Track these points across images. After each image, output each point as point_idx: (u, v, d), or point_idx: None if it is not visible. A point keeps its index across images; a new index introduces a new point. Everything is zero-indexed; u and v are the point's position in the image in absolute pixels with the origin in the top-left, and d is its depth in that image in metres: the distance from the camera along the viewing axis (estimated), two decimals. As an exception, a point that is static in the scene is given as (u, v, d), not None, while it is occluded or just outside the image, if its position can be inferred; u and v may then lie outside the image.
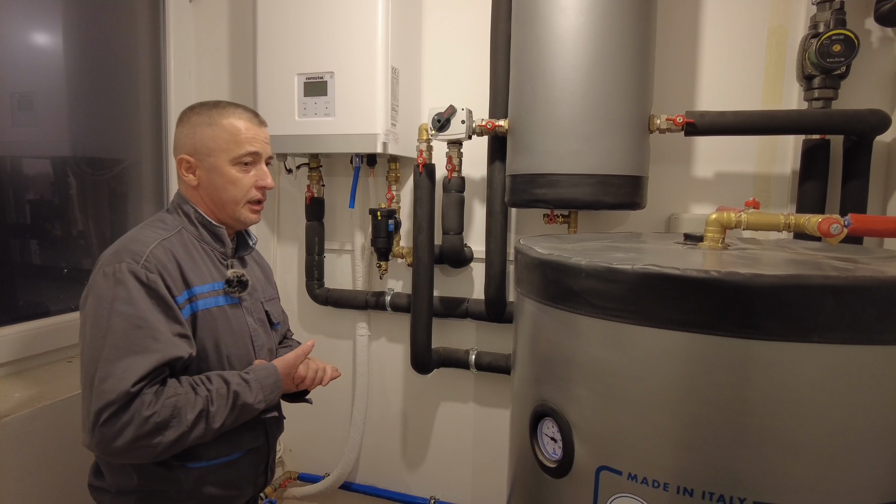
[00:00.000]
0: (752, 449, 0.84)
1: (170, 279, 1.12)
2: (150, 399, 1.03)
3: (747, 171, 1.79)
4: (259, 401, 1.17)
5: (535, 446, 1.08)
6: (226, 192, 1.24)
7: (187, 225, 1.24)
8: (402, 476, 2.28)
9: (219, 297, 1.22)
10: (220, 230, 1.26)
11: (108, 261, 1.11)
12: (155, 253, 1.12)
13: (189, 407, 1.07)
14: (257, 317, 1.32)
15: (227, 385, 1.13)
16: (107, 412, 1.01)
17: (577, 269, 0.97)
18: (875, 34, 1.64)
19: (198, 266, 1.20)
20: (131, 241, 1.15)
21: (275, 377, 1.22)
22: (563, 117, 1.52)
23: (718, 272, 0.83)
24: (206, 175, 1.23)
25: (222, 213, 1.27)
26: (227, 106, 1.25)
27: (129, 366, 1.03)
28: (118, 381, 1.01)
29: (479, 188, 2.03)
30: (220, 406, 1.11)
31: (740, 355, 0.83)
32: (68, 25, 1.95)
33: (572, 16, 1.49)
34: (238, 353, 1.24)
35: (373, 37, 1.78)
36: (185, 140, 1.23)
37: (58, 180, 1.93)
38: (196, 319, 1.16)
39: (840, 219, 1.03)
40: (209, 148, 1.21)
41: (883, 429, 0.83)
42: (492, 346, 2.06)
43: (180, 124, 1.25)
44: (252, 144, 1.24)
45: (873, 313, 0.81)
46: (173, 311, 1.10)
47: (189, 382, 1.11)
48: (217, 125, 1.21)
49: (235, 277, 1.25)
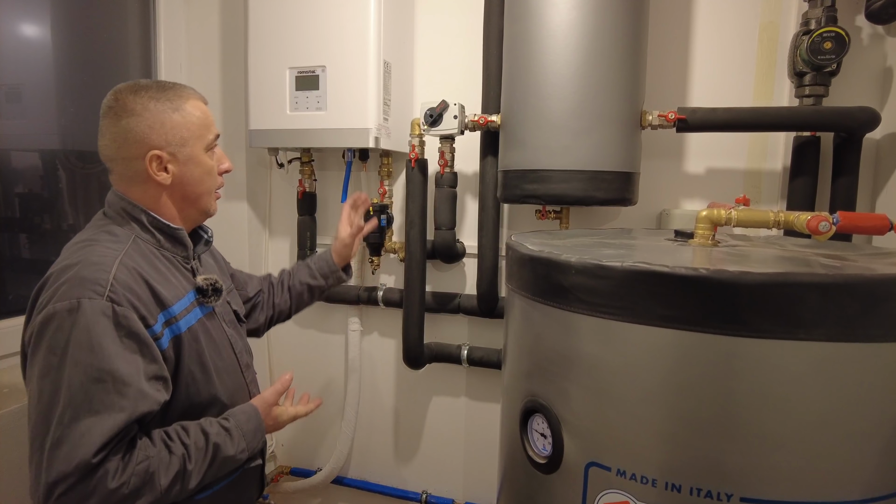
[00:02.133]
0: (738, 444, 0.85)
1: (142, 307, 0.95)
2: (117, 468, 0.87)
3: (738, 166, 1.80)
4: (241, 450, 1.05)
5: (524, 442, 1.09)
6: (202, 185, 1.11)
7: (140, 233, 1.06)
8: (394, 470, 2.29)
9: (195, 310, 1.09)
10: (180, 233, 1.11)
11: (61, 294, 0.91)
12: (119, 277, 0.94)
13: (163, 470, 0.93)
14: (229, 319, 1.21)
15: (205, 437, 1.00)
16: (61, 486, 0.84)
17: (566, 265, 0.97)
18: (865, 31, 1.65)
19: (166, 279, 1.05)
20: (85, 265, 0.94)
21: (256, 421, 1.11)
22: (554, 112, 1.52)
23: (707, 269, 0.84)
24: (182, 169, 1.07)
25: (191, 210, 1.13)
26: (180, 87, 1.09)
27: (89, 428, 0.85)
28: (75, 449, 0.84)
29: (471, 183, 2.03)
30: (197, 461, 0.97)
31: (728, 352, 0.84)
32: (57, 17, 1.93)
33: (564, 11, 1.49)
34: (224, 366, 1.14)
35: (365, 31, 1.77)
36: (149, 132, 1.02)
37: (47, 173, 1.92)
38: (180, 342, 1.03)
39: (829, 216, 1.04)
40: (183, 137, 1.06)
41: (867, 424, 0.84)
42: (484, 340, 2.06)
43: (128, 114, 1.02)
44: (214, 126, 1.13)
45: (857, 310, 0.81)
46: (149, 349, 0.95)
47: (162, 438, 0.96)
48: (183, 110, 1.06)
49: (208, 285, 1.11)
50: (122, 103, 1.03)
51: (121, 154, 1.05)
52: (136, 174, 1.05)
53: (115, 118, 1.03)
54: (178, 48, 2.27)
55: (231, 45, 2.24)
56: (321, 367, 2.32)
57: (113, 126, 1.04)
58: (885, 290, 0.82)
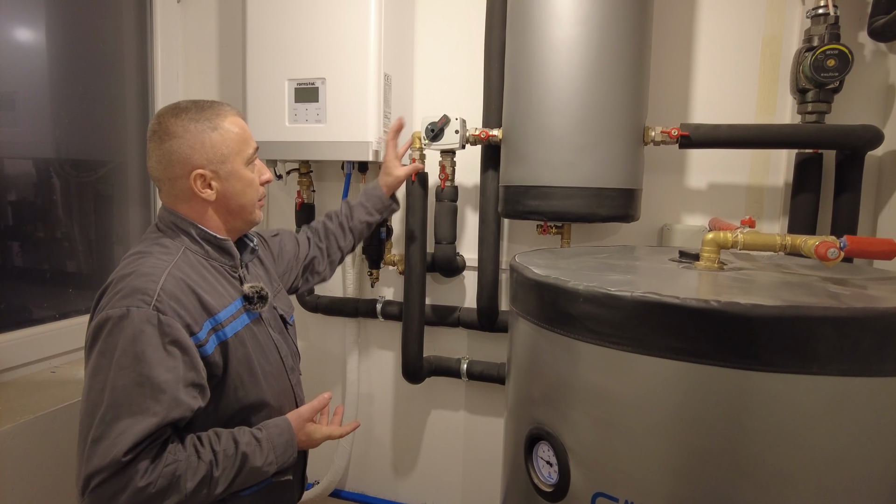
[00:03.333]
0: (749, 479, 0.84)
1: (187, 315, 1.02)
2: (146, 468, 0.94)
3: (740, 182, 1.79)
4: (269, 462, 1.08)
5: (529, 469, 1.07)
6: (244, 197, 1.16)
7: (190, 245, 1.13)
8: (391, 484, 2.27)
9: (242, 316, 1.14)
10: (226, 243, 1.17)
11: (115, 302, 0.99)
12: (167, 288, 1.01)
13: (190, 474, 0.98)
14: (275, 324, 1.25)
15: (235, 445, 1.05)
16: (96, 479, 0.92)
17: (574, 293, 0.95)
18: (868, 48, 1.64)
19: (214, 288, 1.10)
20: (137, 276, 1.02)
21: (288, 435, 1.13)
22: (557, 128, 1.51)
23: (718, 302, 0.83)
24: (224, 185, 1.13)
25: (237, 221, 1.19)
26: (217, 105, 1.15)
27: (125, 429, 0.93)
28: (111, 446, 0.92)
29: (471, 195, 2.02)
30: (225, 469, 1.02)
31: (739, 385, 0.83)
32: (52, 24, 1.91)
33: (568, 26, 1.48)
34: (271, 369, 1.18)
35: (365, 43, 1.75)
36: (191, 153, 1.09)
37: (41, 182, 1.89)
38: (227, 347, 1.08)
39: (836, 241, 1.03)
40: (223, 154, 1.12)
41: (880, 460, 0.83)
42: (483, 354, 2.05)
43: (170, 137, 1.10)
44: (252, 139, 1.19)
45: (871, 344, 0.81)
46: (190, 357, 1.00)
47: (193, 444, 1.01)
48: (222, 128, 1.12)
49: (254, 292, 1.16)
50: (164, 127, 1.10)
51: (167, 174, 1.11)
52: (182, 192, 1.12)
53: (159, 141, 1.10)
54: (175, 57, 2.24)
55: (229, 54, 2.21)
56: (319, 380, 2.30)
57: (157, 149, 1.11)
58: (898, 324, 0.81)
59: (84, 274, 2.05)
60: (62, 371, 1.78)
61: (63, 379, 1.71)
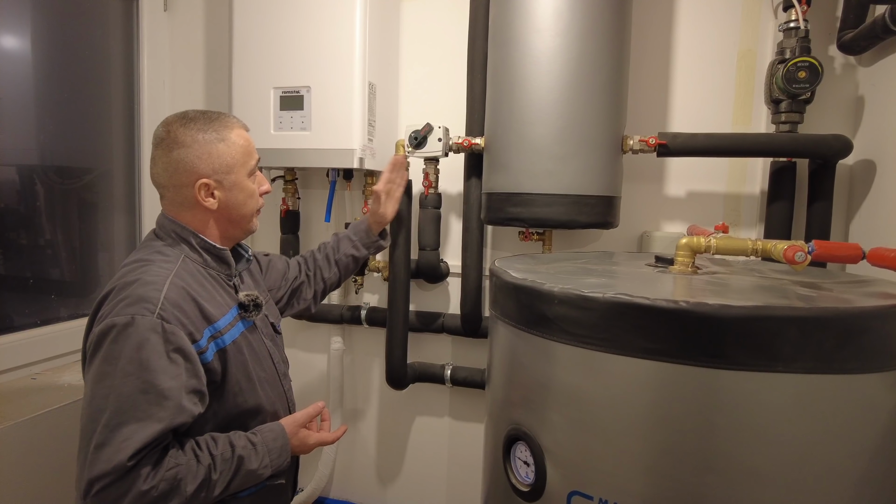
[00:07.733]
0: (719, 476, 0.86)
1: (189, 324, 1.04)
2: (149, 472, 0.96)
3: (718, 190, 1.83)
4: (264, 466, 1.11)
5: (508, 469, 1.09)
6: (245, 207, 1.20)
7: (189, 253, 1.15)
8: (376, 491, 2.26)
9: (238, 324, 1.17)
10: (224, 253, 1.20)
11: (119, 309, 1.00)
12: (170, 297, 1.03)
13: (190, 477, 1.00)
14: (267, 332, 1.28)
15: (232, 449, 1.07)
16: (99, 483, 0.93)
17: (549, 295, 0.98)
18: (838, 61, 1.70)
19: (212, 296, 1.13)
20: (141, 284, 1.03)
21: (282, 439, 1.16)
22: (538, 137, 1.54)
23: (687, 302, 0.85)
24: (227, 195, 1.16)
25: (236, 230, 1.22)
26: (225, 117, 1.19)
27: (130, 434, 0.94)
28: (115, 452, 0.93)
29: (455, 203, 2.04)
30: (222, 472, 1.04)
31: (708, 384, 0.85)
32: (38, 30, 1.91)
33: (548, 37, 1.51)
34: (266, 376, 1.21)
35: (350, 52, 1.77)
36: (197, 162, 1.12)
37: (24, 189, 1.89)
38: (225, 354, 1.11)
39: (804, 246, 1.06)
40: (228, 165, 1.15)
41: (845, 455, 0.86)
42: (467, 360, 2.06)
43: (179, 146, 1.12)
44: (255, 152, 1.22)
45: (833, 343, 0.83)
46: (192, 364, 1.02)
47: (192, 448, 1.04)
48: (228, 140, 1.15)
49: (249, 301, 1.19)
50: (173, 136, 1.12)
51: (172, 182, 1.14)
52: (185, 200, 1.14)
53: (166, 149, 1.12)
54: (162, 65, 2.25)
55: (215, 61, 2.23)
56: (303, 387, 2.29)
57: (164, 157, 1.13)
58: (860, 324, 0.84)
59: (67, 281, 2.04)
60: (43, 378, 1.76)
61: (43, 385, 1.70)
